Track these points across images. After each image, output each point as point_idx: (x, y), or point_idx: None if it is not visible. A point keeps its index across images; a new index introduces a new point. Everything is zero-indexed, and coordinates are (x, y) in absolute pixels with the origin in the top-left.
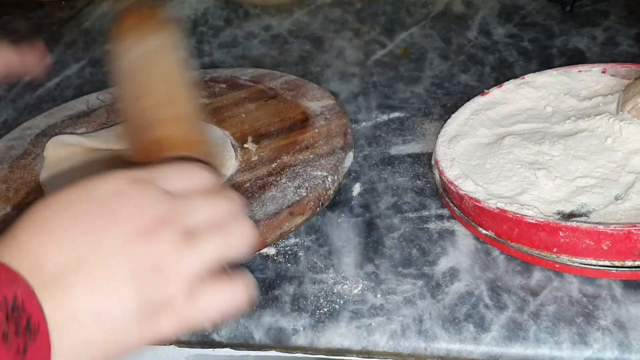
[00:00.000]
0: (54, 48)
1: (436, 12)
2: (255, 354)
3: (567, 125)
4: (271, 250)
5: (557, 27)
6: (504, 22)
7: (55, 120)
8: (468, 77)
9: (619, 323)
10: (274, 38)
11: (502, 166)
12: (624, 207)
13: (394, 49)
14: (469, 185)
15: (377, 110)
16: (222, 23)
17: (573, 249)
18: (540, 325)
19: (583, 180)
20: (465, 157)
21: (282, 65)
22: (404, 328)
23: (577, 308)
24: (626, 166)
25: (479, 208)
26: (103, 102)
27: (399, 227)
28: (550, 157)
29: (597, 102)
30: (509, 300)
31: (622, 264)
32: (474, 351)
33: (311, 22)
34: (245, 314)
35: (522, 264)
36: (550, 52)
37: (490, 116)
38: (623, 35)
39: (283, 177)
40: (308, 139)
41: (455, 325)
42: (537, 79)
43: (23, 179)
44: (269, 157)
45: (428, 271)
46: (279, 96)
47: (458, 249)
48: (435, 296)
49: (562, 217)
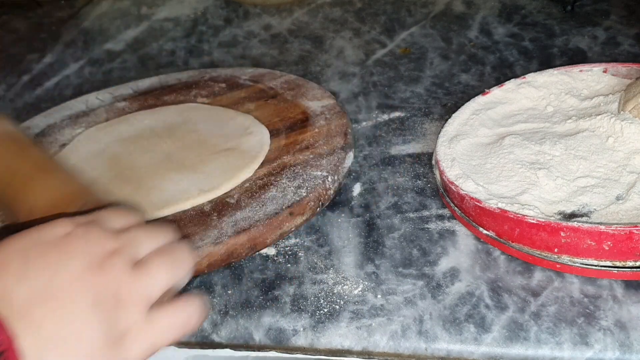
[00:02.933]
0: (53, 48)
1: (436, 12)
2: (255, 355)
3: (568, 125)
4: (271, 250)
5: (557, 27)
6: (505, 22)
7: (54, 120)
8: (468, 77)
9: (620, 323)
10: (274, 37)
11: (503, 166)
12: (625, 207)
13: (394, 49)
14: (469, 185)
15: (377, 110)
16: (222, 22)
17: (574, 249)
18: (541, 325)
19: (584, 180)
20: (466, 157)
21: (282, 65)
22: (405, 328)
23: (578, 308)
24: (627, 166)
25: (479, 208)
26: (102, 102)
27: (399, 227)
28: (551, 157)
29: (598, 102)
30: (509, 300)
31: (623, 264)
32: (475, 352)
33: (311, 22)
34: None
35: (523, 264)
36: (551, 51)
37: (490, 116)
38: (624, 34)
39: (283, 177)
40: (308, 138)
41: (456, 326)
42: (538, 78)
43: None
44: (268, 156)
45: (428, 271)
46: (279, 96)
47: (459, 249)
48: (436, 296)
49: (563, 217)
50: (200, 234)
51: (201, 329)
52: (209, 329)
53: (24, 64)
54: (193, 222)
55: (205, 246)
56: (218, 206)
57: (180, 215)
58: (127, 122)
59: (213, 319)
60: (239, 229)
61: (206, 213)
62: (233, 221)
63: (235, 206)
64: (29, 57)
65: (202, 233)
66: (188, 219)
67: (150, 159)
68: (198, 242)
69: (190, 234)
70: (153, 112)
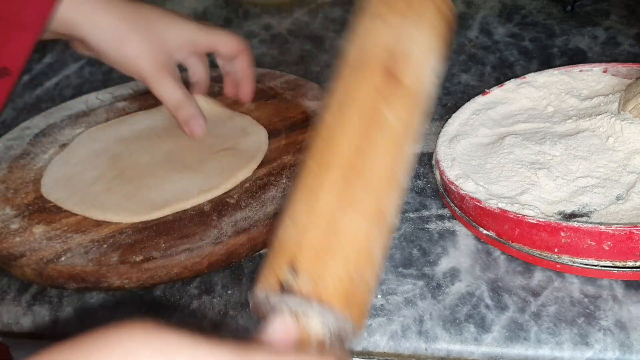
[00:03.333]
0: (53, 47)
1: None
2: None
3: (568, 125)
4: None
5: (557, 27)
6: (505, 22)
7: (54, 120)
8: (469, 77)
9: (620, 323)
10: (274, 37)
11: (503, 166)
12: (625, 207)
13: None
14: (469, 185)
15: None
16: (222, 22)
17: (574, 249)
18: (541, 325)
19: (584, 180)
20: (466, 157)
21: (282, 65)
22: (405, 329)
23: (579, 308)
24: (627, 166)
25: (479, 208)
26: (102, 102)
27: (399, 227)
28: (551, 157)
29: (598, 102)
30: (509, 300)
31: (623, 264)
32: (475, 352)
33: (311, 22)
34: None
35: (523, 264)
36: (551, 51)
37: (491, 116)
38: (624, 34)
39: (283, 177)
40: (308, 138)
41: (456, 326)
42: (538, 78)
43: (22, 179)
44: (268, 156)
45: (429, 271)
46: (279, 96)
47: (459, 249)
48: (436, 296)
49: (564, 217)
50: (200, 234)
51: (201, 329)
52: (209, 329)
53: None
54: (193, 222)
55: (205, 246)
56: (218, 206)
57: (180, 215)
58: (127, 122)
59: (213, 319)
60: (239, 229)
61: (206, 213)
62: (233, 221)
63: (235, 206)
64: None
65: (202, 233)
66: (188, 219)
67: (150, 158)
68: (198, 242)
69: (190, 234)
70: (153, 112)
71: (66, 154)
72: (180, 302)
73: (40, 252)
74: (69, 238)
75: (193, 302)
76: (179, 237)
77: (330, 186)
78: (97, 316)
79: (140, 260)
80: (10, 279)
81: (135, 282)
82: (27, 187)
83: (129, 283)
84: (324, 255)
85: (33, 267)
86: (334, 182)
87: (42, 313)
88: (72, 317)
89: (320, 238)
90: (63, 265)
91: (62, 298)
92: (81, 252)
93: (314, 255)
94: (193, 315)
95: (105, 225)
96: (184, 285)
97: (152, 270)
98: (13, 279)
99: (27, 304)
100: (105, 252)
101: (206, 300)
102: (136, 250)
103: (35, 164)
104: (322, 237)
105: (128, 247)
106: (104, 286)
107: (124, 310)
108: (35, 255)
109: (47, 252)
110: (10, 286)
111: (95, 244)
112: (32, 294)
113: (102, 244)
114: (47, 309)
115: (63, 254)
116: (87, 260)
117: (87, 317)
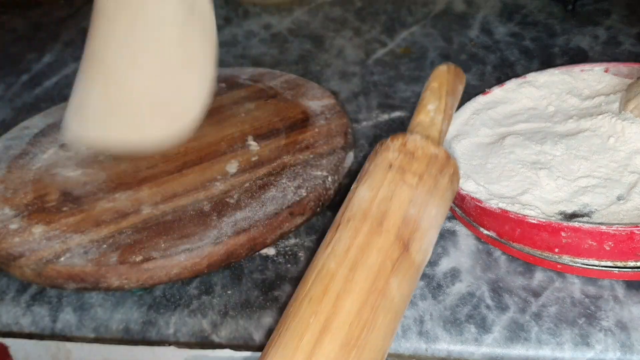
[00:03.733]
0: (52, 47)
1: (437, 11)
2: (255, 355)
3: (569, 125)
4: (271, 250)
5: (558, 26)
6: (506, 21)
7: (53, 119)
8: (469, 77)
9: (621, 324)
10: (273, 37)
11: (504, 166)
12: (627, 207)
13: (394, 48)
14: (470, 185)
15: (377, 109)
16: (222, 22)
17: (575, 250)
18: (542, 326)
19: (585, 180)
20: (467, 156)
21: (282, 64)
22: (405, 329)
23: (579, 309)
24: (628, 166)
25: (480, 208)
26: None
27: None
28: (552, 157)
29: (599, 102)
30: (510, 301)
31: (624, 264)
32: (475, 352)
33: (311, 21)
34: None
35: (523, 265)
36: (552, 51)
37: (491, 116)
38: (625, 34)
39: (283, 177)
40: (308, 138)
41: (457, 326)
42: (539, 78)
43: (21, 179)
44: (268, 156)
45: (429, 272)
46: (279, 95)
47: (459, 249)
48: (437, 297)
49: (564, 217)
50: (200, 234)
51: (201, 329)
52: (209, 330)
53: (23, 64)
54: (193, 222)
55: (205, 246)
56: (218, 206)
57: (180, 215)
58: None
59: (213, 319)
60: (238, 229)
61: (206, 213)
62: (233, 221)
63: (235, 206)
64: (28, 56)
65: (202, 233)
66: (188, 219)
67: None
68: (197, 242)
69: (190, 234)
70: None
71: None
72: (180, 302)
73: (39, 252)
74: (68, 238)
75: (193, 302)
76: (179, 237)
77: (327, 349)
78: (96, 316)
79: (139, 261)
80: (10, 279)
81: (134, 282)
82: (26, 187)
83: (128, 283)
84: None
85: (32, 267)
86: (331, 351)
87: (42, 313)
88: (72, 317)
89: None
90: (62, 265)
91: (62, 298)
92: (80, 253)
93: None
94: (193, 315)
95: (105, 225)
96: (184, 285)
97: (151, 271)
98: (12, 279)
99: (27, 304)
100: (104, 253)
101: (206, 300)
102: (136, 251)
103: (35, 164)
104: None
105: (127, 248)
106: (103, 286)
107: (123, 311)
108: (35, 256)
109: (46, 253)
110: (9, 286)
111: (95, 244)
112: (31, 294)
113: (102, 244)
114: (47, 309)
115: (62, 254)
116: (86, 260)
117: (87, 317)
